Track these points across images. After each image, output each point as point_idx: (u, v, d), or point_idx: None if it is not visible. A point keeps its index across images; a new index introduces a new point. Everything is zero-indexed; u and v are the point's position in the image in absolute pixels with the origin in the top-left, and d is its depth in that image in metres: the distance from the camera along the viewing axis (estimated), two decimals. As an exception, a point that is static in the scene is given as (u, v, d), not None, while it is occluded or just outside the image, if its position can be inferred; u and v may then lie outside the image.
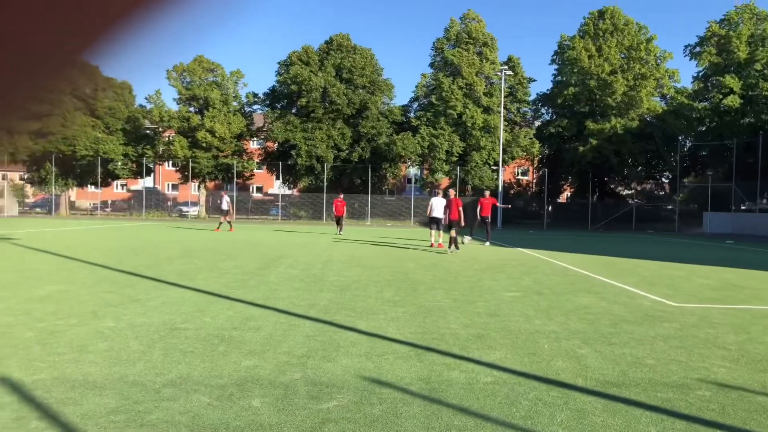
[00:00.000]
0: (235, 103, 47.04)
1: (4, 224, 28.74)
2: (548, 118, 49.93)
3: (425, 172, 48.03)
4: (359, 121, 44.72)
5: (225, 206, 26.64)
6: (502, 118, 42.20)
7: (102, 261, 12.58)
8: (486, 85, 44.58)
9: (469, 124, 43.25)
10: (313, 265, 12.87)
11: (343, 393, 4.35)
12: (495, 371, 5.04)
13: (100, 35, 0.66)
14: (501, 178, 43.14)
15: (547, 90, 49.59)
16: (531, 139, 44.89)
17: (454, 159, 44.02)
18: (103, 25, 0.65)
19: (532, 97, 48.72)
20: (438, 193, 19.52)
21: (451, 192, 18.38)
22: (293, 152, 43.92)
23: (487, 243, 21.27)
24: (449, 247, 16.95)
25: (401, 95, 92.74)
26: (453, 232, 16.97)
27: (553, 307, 8.30)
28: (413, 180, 58.78)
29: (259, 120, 50.41)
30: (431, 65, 46.92)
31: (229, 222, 27.30)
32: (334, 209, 26.75)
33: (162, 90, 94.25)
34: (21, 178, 51.04)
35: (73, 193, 52.36)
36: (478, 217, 20.92)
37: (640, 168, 46.08)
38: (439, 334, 6.32)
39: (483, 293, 9.41)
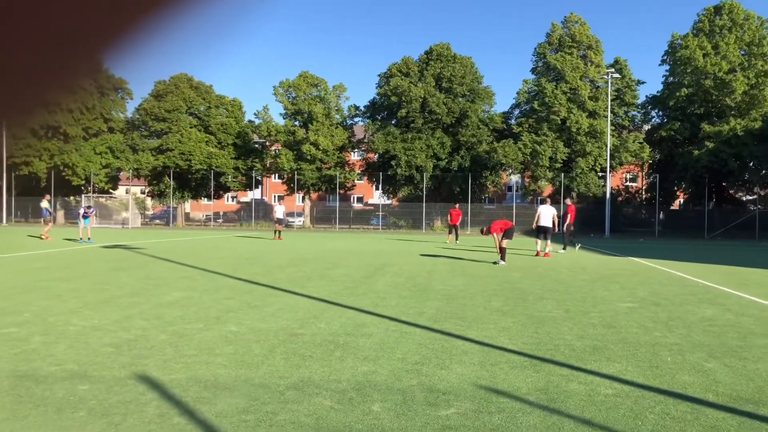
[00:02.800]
0: (337, 116, 48.39)
1: (130, 235, 31.09)
2: (659, 122, 47.49)
3: (527, 179, 47.04)
4: (459, 129, 44.60)
5: (280, 215, 28.27)
6: (609, 123, 40.62)
7: (219, 269, 13.31)
8: (591, 89, 43.13)
9: (574, 130, 41.96)
10: (417, 274, 12.96)
11: (461, 401, 4.36)
12: (616, 383, 4.86)
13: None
14: (609, 184, 41.46)
15: (657, 92, 47.21)
16: (640, 143, 42.88)
17: (558, 166, 42.84)
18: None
19: (641, 99, 46.59)
20: (546, 201, 19.23)
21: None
22: (393, 162, 44.48)
23: (562, 251, 20.83)
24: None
25: (502, 102, 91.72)
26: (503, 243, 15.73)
27: (672, 318, 7.88)
28: (515, 188, 57.74)
29: (360, 132, 51.54)
30: (533, 71, 46.06)
31: (279, 231, 28.61)
32: (449, 218, 27.27)
33: (270, 105, 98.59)
34: (142, 192, 54.99)
35: (188, 205, 55.76)
36: (570, 226, 20.52)
37: (764, 172, 42.72)
38: (553, 345, 6.18)
39: (596, 304, 9.09)
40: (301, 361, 5.41)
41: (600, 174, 43.20)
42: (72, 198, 50.47)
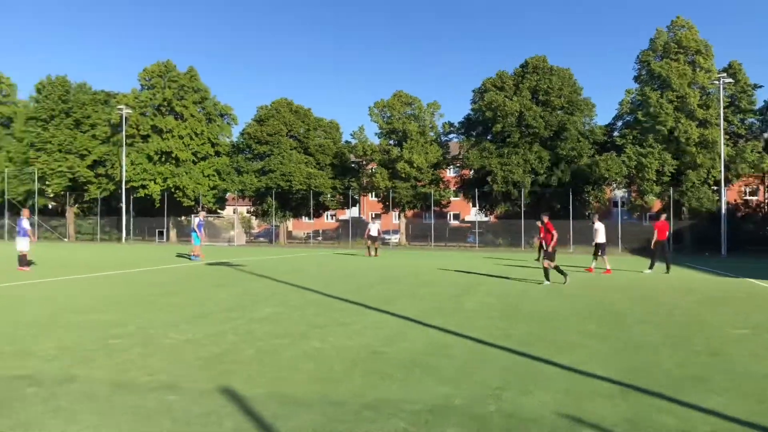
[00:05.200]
0: (431, 134, 48.51)
1: (234, 253, 32.56)
2: (782, 129, 43.77)
3: (633, 194, 44.78)
4: (557, 143, 43.30)
5: (374, 233, 28.25)
6: (722, 132, 37.97)
7: (312, 285, 13.62)
8: (701, 97, 40.53)
9: (683, 140, 39.49)
10: (509, 294, 12.63)
11: (541, 430, 4.16)
12: (715, 419, 4.45)
13: None
14: (723, 198, 38.66)
15: (778, 97, 43.62)
16: (759, 153, 39.70)
17: (666, 179, 40.46)
18: None
19: (760, 104, 43.15)
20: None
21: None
22: (489, 178, 43.85)
23: (648, 271, 19.43)
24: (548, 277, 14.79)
25: (603, 114, 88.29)
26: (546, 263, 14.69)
27: (791, 347, 7.16)
28: (620, 203, 55.19)
29: (454, 148, 51.36)
30: (636, 79, 43.99)
31: (376, 248, 28.47)
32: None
33: (365, 125, 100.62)
34: (248, 212, 57.52)
35: (290, 223, 57.69)
36: (659, 243, 19.09)
37: None
38: (648, 373, 5.78)
39: (703, 329, 8.44)
40: (380, 381, 5.39)
41: (714, 187, 40.40)
42: (183, 218, 53.68)
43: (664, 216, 20.25)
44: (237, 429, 4.09)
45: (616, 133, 45.22)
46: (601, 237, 19.54)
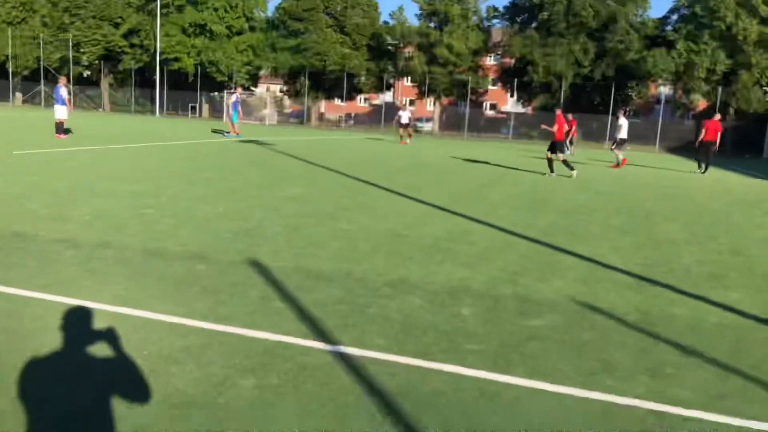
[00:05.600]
0: (474, 18, 46.39)
1: (266, 131, 32.67)
2: None
3: (679, 92, 42.95)
4: (605, 35, 41.11)
5: (405, 120, 27.73)
6: (783, 29, 35.53)
7: (342, 169, 13.71)
8: (767, -9, 37.55)
9: (741, 38, 37.16)
10: (538, 186, 12.57)
11: (553, 313, 4.29)
12: (726, 313, 4.53)
13: None
14: (773, 100, 36.91)
15: None
16: (820, 54, 37.30)
17: (716, 78, 38.55)
18: None
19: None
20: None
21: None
22: (530, 69, 42.32)
23: (698, 171, 18.65)
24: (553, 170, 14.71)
25: (658, 5, 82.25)
26: (557, 155, 14.59)
27: (818, 253, 7.09)
28: (663, 101, 53.16)
29: (497, 35, 49.20)
30: (698, -31, 40.81)
31: (410, 135, 28.11)
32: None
33: (405, 5, 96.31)
34: (281, 91, 57.03)
35: (323, 105, 57.19)
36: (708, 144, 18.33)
37: None
38: (667, 268, 5.82)
39: (729, 229, 8.37)
40: (401, 262, 5.54)
41: (765, 88, 38.45)
42: (216, 94, 53.53)
43: (717, 116, 19.31)
44: (262, 298, 4.30)
45: (668, 27, 42.73)
46: (623, 133, 19.04)
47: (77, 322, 3.65)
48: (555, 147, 14.52)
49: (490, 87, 49.70)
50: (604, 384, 3.18)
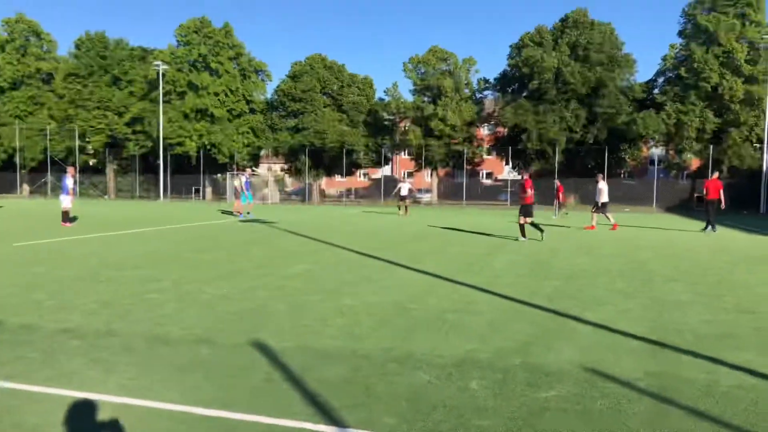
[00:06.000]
0: (466, 90, 47.73)
1: (268, 210, 32.98)
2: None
3: (671, 153, 43.63)
4: (595, 100, 42.17)
5: (405, 192, 28.18)
6: (768, 88, 36.49)
7: (344, 243, 13.78)
8: (749, 52, 38.79)
9: (727, 98, 38.10)
10: (539, 252, 12.59)
11: (564, 383, 4.23)
12: (741, 374, 4.46)
13: None
14: (766, 156, 37.41)
15: (831, 50, 41.50)
16: (806, 110, 38.10)
17: (707, 137, 39.24)
18: None
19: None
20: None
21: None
22: (523, 136, 43.16)
23: (708, 230, 18.45)
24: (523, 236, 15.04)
25: (644, 70, 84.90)
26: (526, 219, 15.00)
27: (827, 307, 7.03)
28: (656, 161, 53.89)
29: (489, 105, 50.50)
30: (680, 34, 42.32)
31: (406, 207, 28.38)
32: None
33: (399, 82, 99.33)
34: (281, 170, 58.00)
35: (323, 181, 57.96)
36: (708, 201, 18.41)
37: None
38: (675, 330, 5.77)
39: (734, 288, 8.33)
40: (407, 336, 5.50)
41: (756, 145, 39.07)
42: (219, 176, 54.39)
43: (716, 175, 19.58)
44: (268, 380, 4.25)
45: (656, 90, 43.88)
46: (604, 197, 19.54)
47: (82, 415, 3.61)
48: (524, 211, 14.99)
49: (485, 156, 50.51)
50: (620, 455, 3.11)
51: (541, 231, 14.95)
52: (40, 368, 4.44)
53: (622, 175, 47.94)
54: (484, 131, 53.09)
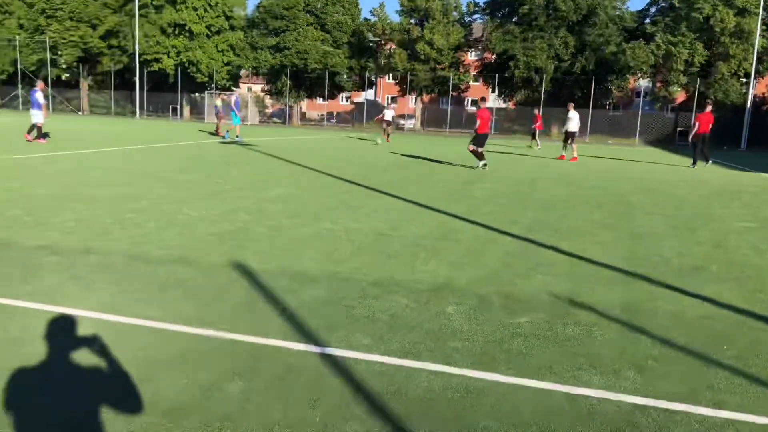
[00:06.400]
0: (455, 13, 46.42)
1: (247, 132, 32.47)
2: (822, 20, 41.35)
3: (658, 85, 43.37)
4: (585, 28, 41.37)
5: (388, 117, 27.89)
6: (759, 20, 35.99)
7: (324, 168, 13.70)
8: (742, -18, 37.95)
9: (717, 30, 37.55)
10: (520, 182, 12.66)
11: (537, 310, 4.34)
12: (709, 305, 4.61)
13: None
14: (751, 91, 37.39)
15: (825, -16, 40.82)
16: (795, 45, 37.81)
17: (695, 70, 38.95)
18: None
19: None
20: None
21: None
22: (511, 63, 42.46)
23: (699, 165, 18.53)
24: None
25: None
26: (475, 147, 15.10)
27: (795, 242, 7.23)
28: (642, 94, 53.66)
29: (478, 30, 49.30)
30: (676, -39, 41.19)
31: (388, 134, 28.14)
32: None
33: (385, 2, 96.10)
34: (262, 90, 56.70)
35: (304, 104, 56.98)
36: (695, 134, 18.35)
37: None
38: (649, 262, 5.91)
39: (709, 222, 8.50)
40: (386, 261, 5.57)
41: (743, 80, 38.95)
42: (197, 95, 53.08)
43: (709, 108, 19.22)
44: (247, 301, 4.30)
45: (647, 20, 43.08)
46: (573, 126, 19.56)
47: (64, 329, 3.64)
48: (474, 140, 15.07)
49: (471, 83, 49.78)
50: (590, 379, 3.23)
51: (483, 159, 15.03)
52: (20, 284, 4.43)
53: (607, 107, 47.73)
54: (471, 57, 52.07)
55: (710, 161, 18.61)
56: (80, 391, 2.89)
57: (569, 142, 19.72)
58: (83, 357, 3.25)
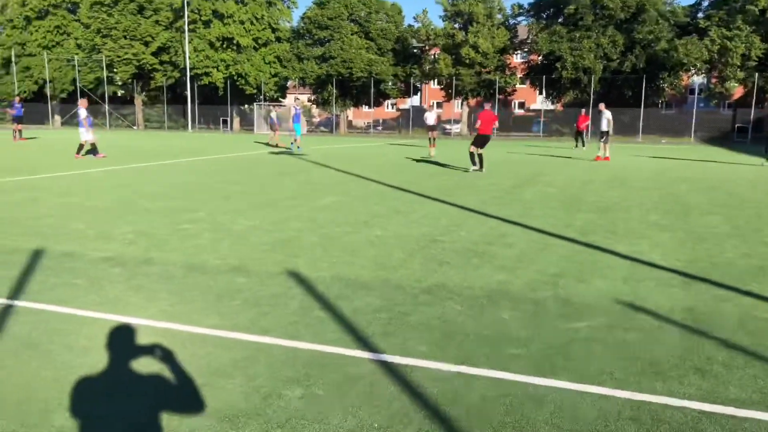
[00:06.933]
0: (499, 16, 46.03)
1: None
2: None
3: (713, 80, 41.93)
4: (634, 26, 40.35)
5: (432, 121, 27.16)
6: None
7: (372, 176, 13.77)
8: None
9: (775, 21, 36.13)
10: (571, 184, 12.43)
11: (595, 315, 4.25)
12: (777, 309, 4.42)
13: None
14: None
15: None
16: None
17: (752, 64, 37.50)
18: None
19: None
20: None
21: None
22: (558, 65, 41.79)
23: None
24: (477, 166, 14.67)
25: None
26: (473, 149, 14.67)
27: None
28: (697, 91, 51.92)
29: (523, 32, 48.78)
30: (728, -47, 39.86)
31: (434, 138, 27.67)
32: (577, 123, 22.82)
33: (429, 8, 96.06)
34: (309, 100, 57.48)
35: (351, 112, 57.44)
36: None
37: None
38: (711, 263, 5.71)
39: (774, 221, 8.16)
40: (438, 267, 5.55)
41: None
42: (246, 106, 54.23)
43: None
44: (303, 308, 4.36)
45: (700, 15, 41.76)
46: (604, 125, 19.25)
47: (128, 338, 3.76)
48: (477, 141, 14.74)
49: (518, 85, 49.20)
50: (653, 385, 3.14)
51: (475, 165, 14.71)
52: (86, 294, 4.61)
53: (660, 105, 46.41)
54: (517, 59, 51.51)
55: None
56: (143, 398, 2.98)
57: (603, 140, 19.38)
58: (146, 365, 3.35)
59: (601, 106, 19.93)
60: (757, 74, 37.35)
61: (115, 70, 50.83)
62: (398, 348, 3.62)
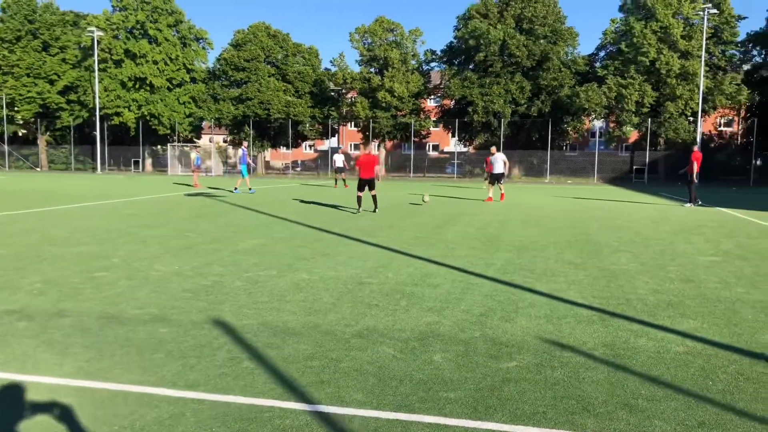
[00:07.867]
0: (413, 62, 47.59)
1: (212, 183, 32.29)
2: (760, 61, 43.76)
3: (612, 125, 44.93)
4: (539, 73, 42.85)
5: (339, 164, 28.70)
6: (702, 63, 37.84)
7: (293, 217, 13.66)
8: (684, 28, 40.06)
9: (663, 72, 39.38)
10: (489, 224, 12.82)
11: (523, 354, 4.35)
12: (688, 341, 4.69)
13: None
14: (699, 129, 38.99)
15: (761, 28, 43.42)
16: (737, 85, 39.75)
17: (645, 110, 40.56)
18: None
19: (742, 37, 42.91)
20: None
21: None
22: (470, 109, 43.52)
23: (689, 205, 18.97)
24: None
25: (586, 44, 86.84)
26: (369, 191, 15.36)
27: (759, 274, 7.46)
28: (597, 134, 55.40)
29: (436, 77, 50.58)
30: (621, 8, 43.31)
31: (344, 179, 28.64)
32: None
33: (345, 52, 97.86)
34: (224, 141, 56.67)
35: (268, 153, 57.05)
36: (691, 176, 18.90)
37: None
38: (624, 299, 6.01)
39: (676, 257, 8.72)
40: (367, 310, 5.53)
41: (690, 119, 40.66)
42: (159, 147, 52.73)
43: (697, 147, 20.20)
44: (231, 359, 4.20)
45: (597, 64, 44.96)
46: (497, 168, 19.66)
47: (40, 401, 3.48)
48: (360, 185, 15.30)
49: (432, 128, 50.74)
50: (585, 422, 3.23)
51: (360, 208, 15.27)
52: (-11, 352, 4.24)
53: (564, 147, 49.08)
54: (431, 103, 53.23)
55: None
56: (65, 464, 2.75)
57: (496, 182, 19.84)
58: (63, 431, 3.11)
59: (493, 149, 20.25)
60: (650, 120, 40.36)
61: (16, 108, 48.26)
62: (333, 397, 3.55)
